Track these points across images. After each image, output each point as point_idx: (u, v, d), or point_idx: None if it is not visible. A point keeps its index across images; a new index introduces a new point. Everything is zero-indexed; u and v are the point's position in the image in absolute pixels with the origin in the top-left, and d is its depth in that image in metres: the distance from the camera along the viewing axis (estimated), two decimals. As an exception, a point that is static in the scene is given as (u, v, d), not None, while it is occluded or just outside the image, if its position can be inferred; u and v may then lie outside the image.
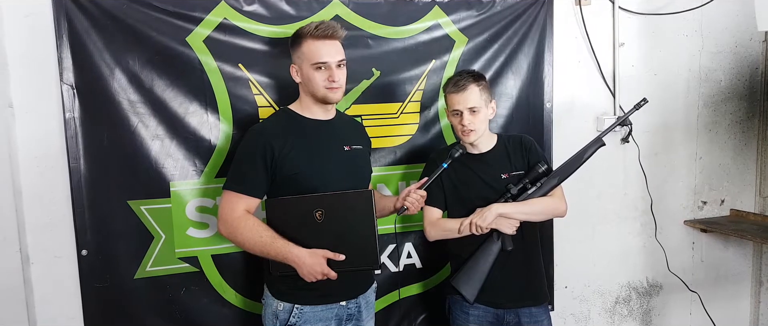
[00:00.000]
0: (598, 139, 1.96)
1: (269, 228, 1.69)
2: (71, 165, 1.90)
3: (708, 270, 2.89)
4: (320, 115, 1.81)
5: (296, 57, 1.76)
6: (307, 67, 1.72)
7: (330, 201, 1.70)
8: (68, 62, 1.87)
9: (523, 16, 2.38)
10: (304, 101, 1.80)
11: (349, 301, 1.80)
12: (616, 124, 2.05)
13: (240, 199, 1.70)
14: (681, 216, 2.82)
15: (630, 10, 2.57)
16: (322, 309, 1.74)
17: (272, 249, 1.66)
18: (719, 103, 2.80)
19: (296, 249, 1.66)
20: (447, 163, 1.86)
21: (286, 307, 1.74)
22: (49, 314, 1.96)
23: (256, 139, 1.72)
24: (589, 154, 1.94)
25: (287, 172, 1.71)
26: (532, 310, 1.95)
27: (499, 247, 1.86)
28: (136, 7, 1.91)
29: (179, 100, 1.99)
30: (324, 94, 1.73)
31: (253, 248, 1.69)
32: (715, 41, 2.75)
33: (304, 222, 1.69)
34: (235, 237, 1.70)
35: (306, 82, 1.75)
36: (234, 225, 1.68)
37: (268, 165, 1.69)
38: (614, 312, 2.76)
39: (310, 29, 1.71)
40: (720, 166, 2.85)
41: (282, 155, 1.70)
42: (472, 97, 1.85)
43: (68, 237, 1.94)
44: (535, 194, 1.89)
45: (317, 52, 1.70)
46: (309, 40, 1.71)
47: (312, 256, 1.66)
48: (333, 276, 1.67)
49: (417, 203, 1.81)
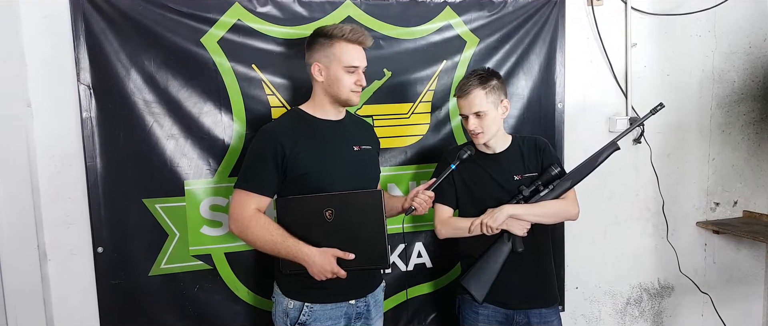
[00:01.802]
0: (613, 143, 1.95)
1: (280, 227, 1.71)
2: (88, 164, 1.94)
3: (720, 271, 2.88)
4: (332, 116, 1.82)
5: (323, 56, 1.75)
6: (338, 68, 1.74)
7: (340, 200, 1.71)
8: (85, 62, 1.90)
9: (534, 17, 2.38)
10: (319, 101, 1.81)
11: (358, 300, 1.81)
12: (631, 128, 2.05)
13: (251, 198, 1.71)
14: (693, 218, 2.81)
15: (642, 10, 2.56)
16: (331, 307, 1.76)
17: (283, 248, 1.68)
18: (733, 104, 2.78)
19: (307, 248, 1.68)
20: (455, 163, 1.87)
21: (296, 305, 1.75)
22: (66, 310, 2.00)
23: (267, 138, 1.74)
24: (604, 158, 1.94)
25: (297, 172, 1.72)
26: (542, 311, 1.95)
27: (510, 248, 1.87)
28: (151, 8, 1.94)
29: (193, 100, 2.02)
30: (348, 97, 1.77)
31: (263, 246, 1.71)
32: (728, 42, 2.73)
33: (315, 221, 1.71)
34: (246, 235, 1.72)
35: (331, 82, 1.75)
36: (245, 224, 1.70)
37: (278, 164, 1.71)
38: (625, 313, 2.76)
39: (344, 32, 1.73)
40: (733, 168, 2.83)
41: (293, 155, 1.71)
42: (476, 102, 1.85)
43: (85, 235, 1.97)
44: (547, 196, 1.89)
45: (350, 55, 1.74)
46: (342, 42, 1.74)
47: (322, 255, 1.68)
48: (343, 275, 1.69)
49: (425, 203, 1.82)
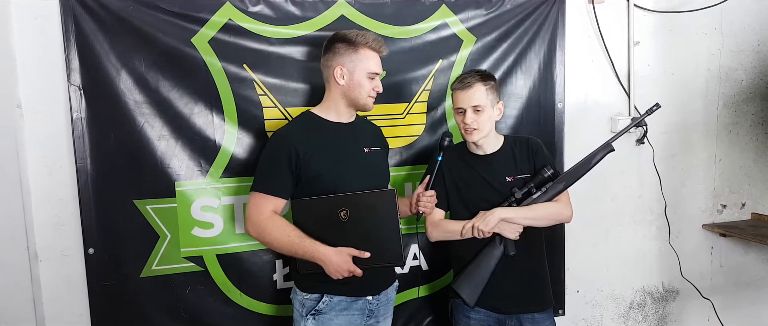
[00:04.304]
0: (608, 144, 1.91)
1: (296, 227, 1.73)
2: (78, 165, 1.93)
3: (727, 275, 2.81)
4: (344, 119, 1.86)
5: (347, 61, 1.78)
6: (362, 74, 1.78)
7: (354, 200, 1.74)
8: (75, 63, 1.89)
9: (533, 15, 2.33)
10: (334, 104, 1.83)
11: (374, 297, 1.84)
12: (627, 129, 1.99)
13: (267, 200, 1.74)
14: (699, 220, 2.75)
15: (645, 7, 2.50)
16: (351, 300, 1.79)
17: (300, 248, 1.71)
18: (740, 103, 2.71)
19: (323, 248, 1.71)
20: (439, 155, 1.87)
21: (314, 296, 1.78)
22: (58, 311, 2.00)
23: (281, 143, 1.77)
24: (598, 159, 1.90)
25: (311, 174, 1.75)
26: (535, 316, 1.91)
27: (502, 252, 1.83)
28: (142, 8, 1.93)
29: (185, 100, 2.00)
30: (365, 102, 1.82)
31: (281, 247, 1.74)
32: (736, 39, 2.66)
33: (330, 221, 1.74)
34: (264, 237, 1.74)
35: (353, 86, 1.79)
36: (262, 226, 1.73)
37: (292, 167, 1.74)
38: (628, 317, 2.70)
39: (368, 40, 1.79)
40: (741, 169, 2.76)
41: (306, 157, 1.74)
42: (476, 96, 1.83)
43: (76, 236, 1.97)
44: (540, 199, 1.85)
45: (374, 62, 1.80)
46: (368, 50, 1.79)
47: (338, 254, 1.71)
48: (359, 274, 1.72)
49: (430, 204, 1.86)
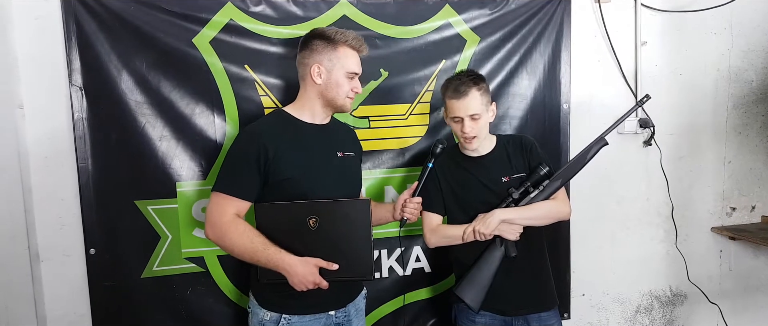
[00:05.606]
0: (601, 138, 1.88)
1: (261, 234, 1.61)
2: (80, 166, 1.93)
3: (737, 279, 2.76)
4: (318, 120, 1.76)
5: (325, 59, 1.69)
6: (340, 72, 1.69)
7: (326, 208, 1.64)
8: (77, 64, 1.90)
9: (538, 14, 2.31)
10: (309, 104, 1.73)
11: (338, 310, 1.74)
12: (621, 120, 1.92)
13: (230, 202, 1.62)
14: (708, 223, 2.70)
15: (653, 7, 2.46)
16: (310, 319, 1.68)
17: (263, 256, 1.59)
18: (750, 104, 2.66)
19: (288, 257, 1.59)
20: (431, 162, 1.83)
21: (273, 317, 1.67)
22: (59, 311, 2.00)
23: (251, 139, 1.64)
24: (592, 154, 1.87)
25: (280, 176, 1.64)
26: (542, 315, 1.89)
27: (503, 254, 1.81)
28: (143, 8, 1.93)
29: (186, 101, 2.00)
30: (343, 103, 1.73)
31: (242, 254, 1.61)
32: (746, 39, 2.61)
33: (297, 228, 1.62)
34: (224, 241, 1.62)
35: (331, 85, 1.70)
36: (223, 230, 1.60)
37: (261, 167, 1.62)
38: (635, 321, 2.66)
39: (347, 38, 1.70)
40: (751, 171, 2.71)
41: (276, 158, 1.63)
42: (473, 104, 1.79)
43: (77, 236, 1.97)
44: (537, 198, 1.83)
45: (353, 62, 1.72)
46: (347, 48, 1.71)
47: (304, 265, 1.59)
48: (325, 286, 1.61)
49: (415, 210, 1.80)
